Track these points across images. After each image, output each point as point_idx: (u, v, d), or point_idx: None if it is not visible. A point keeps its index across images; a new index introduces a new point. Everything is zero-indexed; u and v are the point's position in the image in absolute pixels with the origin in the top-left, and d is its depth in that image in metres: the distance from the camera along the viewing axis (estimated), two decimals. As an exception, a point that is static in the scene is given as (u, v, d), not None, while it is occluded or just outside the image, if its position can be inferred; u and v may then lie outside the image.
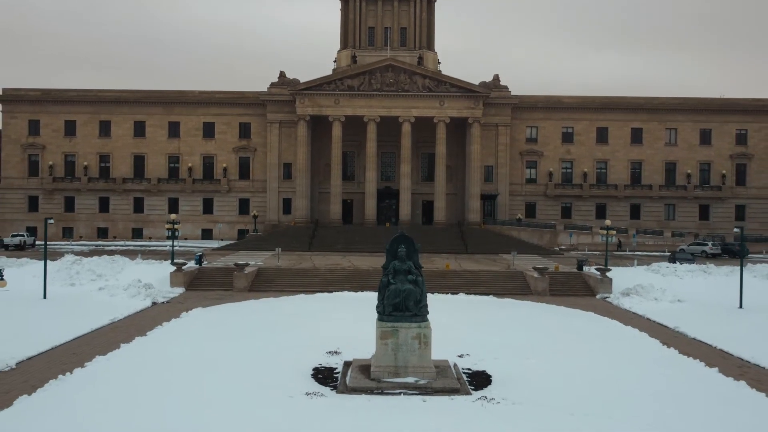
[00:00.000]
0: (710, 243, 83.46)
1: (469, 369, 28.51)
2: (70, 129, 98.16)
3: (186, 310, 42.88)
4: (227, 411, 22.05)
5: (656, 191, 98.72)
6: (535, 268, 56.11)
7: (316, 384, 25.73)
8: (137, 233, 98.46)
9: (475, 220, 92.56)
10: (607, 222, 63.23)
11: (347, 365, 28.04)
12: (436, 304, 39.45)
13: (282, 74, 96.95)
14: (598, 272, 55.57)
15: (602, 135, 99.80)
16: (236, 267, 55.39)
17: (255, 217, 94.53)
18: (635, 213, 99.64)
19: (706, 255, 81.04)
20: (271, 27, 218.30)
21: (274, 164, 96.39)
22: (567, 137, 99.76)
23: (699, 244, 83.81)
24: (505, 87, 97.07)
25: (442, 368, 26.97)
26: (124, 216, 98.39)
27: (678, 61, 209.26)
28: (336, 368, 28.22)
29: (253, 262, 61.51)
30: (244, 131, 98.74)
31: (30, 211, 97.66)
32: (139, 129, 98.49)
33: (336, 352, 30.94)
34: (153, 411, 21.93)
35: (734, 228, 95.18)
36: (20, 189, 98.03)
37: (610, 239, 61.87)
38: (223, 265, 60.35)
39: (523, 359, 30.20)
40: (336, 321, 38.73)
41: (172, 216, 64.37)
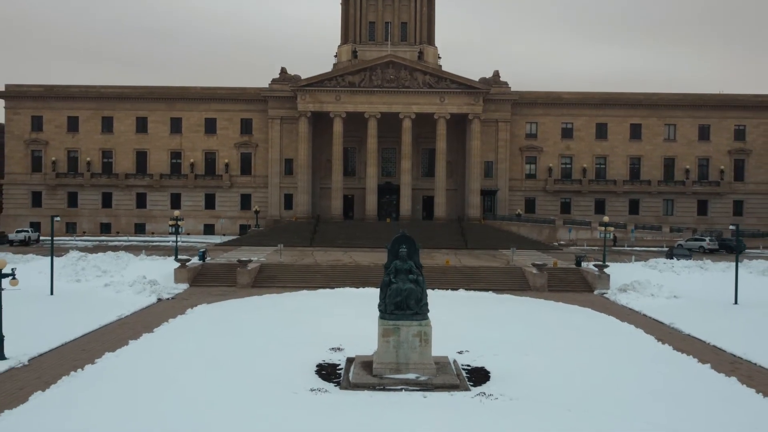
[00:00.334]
0: (708, 238, 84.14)
1: (469, 365, 29.31)
2: (73, 125, 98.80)
3: (191, 307, 43.66)
4: (235, 407, 22.86)
5: (655, 186, 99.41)
6: (534, 265, 56.81)
7: (320, 380, 26.52)
8: (140, 228, 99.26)
9: (475, 216, 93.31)
10: (605, 219, 63.88)
11: (350, 361, 28.86)
12: (437, 300, 40.32)
13: (283, 70, 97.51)
14: (596, 268, 56.25)
15: (601, 131, 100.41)
16: (239, 263, 56.14)
17: (257, 213, 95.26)
18: (634, 208, 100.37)
19: (704, 250, 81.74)
20: (273, 20, 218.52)
21: (276, 160, 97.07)
22: (566, 133, 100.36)
23: (697, 240, 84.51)
24: (505, 83, 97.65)
25: (442, 364, 27.77)
26: (127, 211, 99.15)
27: (677, 55, 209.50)
28: (339, 364, 29.02)
29: (256, 258, 62.24)
30: (246, 127, 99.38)
31: (33, 207, 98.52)
32: (142, 125, 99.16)
33: (339, 349, 31.73)
34: (162, 407, 22.72)
35: (734, 222, 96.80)
36: (24, 185, 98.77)
37: (608, 236, 62.49)
38: (226, 261, 61.11)
39: (522, 355, 30.99)
40: (338, 317, 39.48)
41: (176, 213, 65.07)
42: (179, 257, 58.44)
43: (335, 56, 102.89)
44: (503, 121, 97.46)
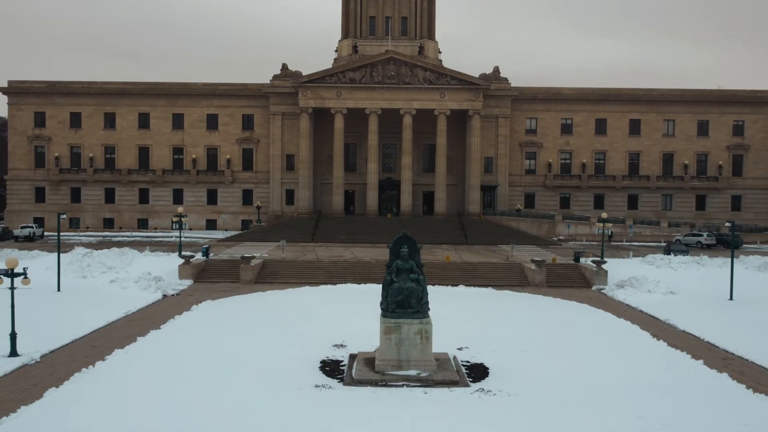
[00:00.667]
0: (705, 234, 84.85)
1: (468, 361, 30.16)
2: (76, 121, 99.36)
3: (196, 303, 44.50)
4: (244, 403, 23.72)
5: (654, 182, 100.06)
6: (533, 261, 57.60)
7: (324, 376, 27.38)
8: (143, 223, 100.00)
9: (475, 211, 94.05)
10: (604, 215, 64.57)
11: (353, 358, 29.72)
12: (437, 296, 41.20)
13: (284, 66, 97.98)
14: (594, 264, 57.04)
15: (601, 126, 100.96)
16: (242, 260, 56.95)
17: (258, 208, 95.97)
18: (633, 203, 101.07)
19: (701, 246, 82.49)
20: (273, 15, 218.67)
21: (277, 156, 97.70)
22: (566, 128, 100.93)
23: (694, 235, 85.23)
24: (505, 79, 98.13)
25: (443, 361, 28.64)
26: (130, 207, 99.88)
27: (677, 48, 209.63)
28: (342, 361, 29.87)
29: (258, 254, 63.01)
30: (247, 123, 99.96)
31: (37, 202, 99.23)
32: (144, 121, 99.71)
33: (342, 345, 32.59)
34: (173, 403, 23.59)
35: (730, 218, 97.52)
36: (27, 180, 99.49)
37: (606, 231, 63.23)
38: (229, 258, 61.89)
39: (519, 352, 31.86)
40: (340, 314, 40.32)
41: (180, 209, 65.81)
42: (183, 253, 59.20)
43: (336, 51, 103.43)
44: (503, 117, 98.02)
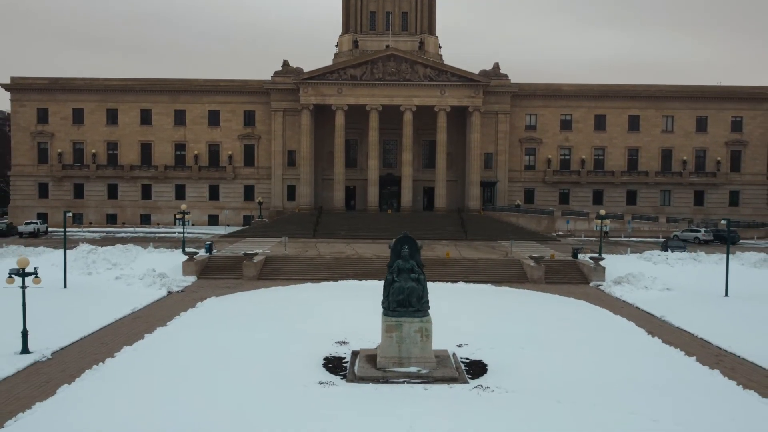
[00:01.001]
0: (703, 230, 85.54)
1: (467, 358, 31.00)
2: (78, 117, 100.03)
3: (200, 300, 45.34)
4: (250, 399, 24.55)
5: (652, 177, 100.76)
6: (532, 257, 58.40)
7: (327, 373, 28.21)
8: (145, 219, 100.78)
9: (475, 207, 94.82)
10: (602, 212, 65.28)
11: (355, 355, 30.56)
12: (438, 293, 42.03)
13: (285, 63, 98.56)
14: (592, 261, 57.82)
15: (600, 122, 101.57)
16: (245, 256, 57.72)
17: (260, 204, 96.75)
18: (631, 199, 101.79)
19: (699, 241, 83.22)
20: (274, 9, 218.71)
21: (279, 152, 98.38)
22: (566, 124, 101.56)
23: (692, 231, 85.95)
24: (505, 75, 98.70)
25: (442, 358, 29.47)
26: (132, 202, 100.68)
27: (676, 40, 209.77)
28: (344, 357, 30.71)
29: (261, 251, 63.83)
30: (249, 119, 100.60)
31: (40, 198, 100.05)
32: (146, 117, 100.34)
33: (344, 342, 33.43)
34: (182, 399, 24.43)
35: (728, 213, 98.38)
36: (30, 176, 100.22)
37: (605, 228, 63.99)
38: (232, 254, 62.67)
39: (517, 348, 32.69)
40: (342, 311, 41.12)
41: (183, 206, 66.58)
42: (187, 250, 60.00)
43: (336, 46, 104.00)
44: (503, 113, 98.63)
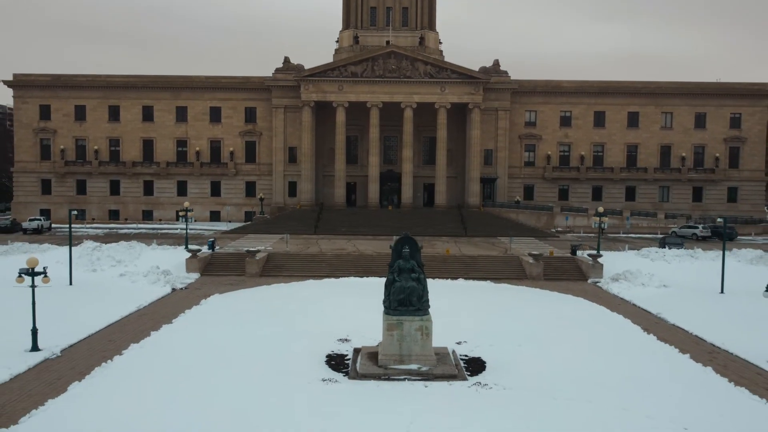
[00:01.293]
0: (701, 226, 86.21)
1: (466, 355, 31.76)
2: (80, 114, 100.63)
3: (204, 297, 46.07)
4: (257, 396, 25.29)
5: (651, 174, 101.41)
6: (531, 254, 59.09)
7: (330, 370, 28.97)
8: (147, 215, 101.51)
9: (475, 203, 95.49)
10: (600, 209, 65.97)
11: (357, 352, 31.32)
12: (438, 290, 42.84)
13: (286, 59, 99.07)
14: (590, 258, 58.49)
15: (599, 119, 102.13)
16: (248, 253, 58.42)
17: (261, 200, 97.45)
18: (630, 195, 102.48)
19: (697, 237, 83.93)
20: (275, 4, 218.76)
21: (280, 148, 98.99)
22: (565, 121, 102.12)
23: (690, 227, 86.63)
24: (505, 72, 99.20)
25: (442, 355, 30.22)
26: (135, 198, 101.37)
27: (675, 34, 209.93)
28: (347, 355, 31.47)
29: (263, 247, 64.55)
30: (250, 115, 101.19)
31: (43, 194, 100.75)
32: (148, 114, 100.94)
33: (346, 340, 34.18)
34: (190, 395, 25.18)
35: (728, 209, 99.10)
36: (33, 172, 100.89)
37: (603, 225, 64.65)
38: (235, 251, 63.37)
39: (515, 346, 33.44)
40: (344, 308, 41.85)
41: (186, 203, 67.23)
42: (190, 247, 60.72)
43: (337, 41, 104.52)
44: (503, 110, 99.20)
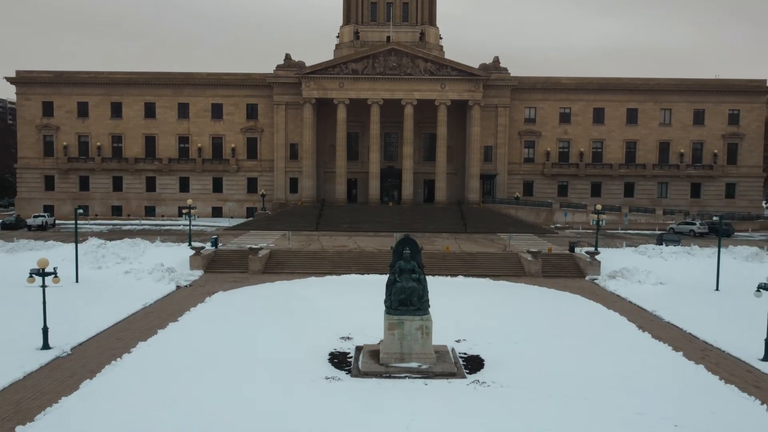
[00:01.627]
0: (698, 222, 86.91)
1: (465, 353, 32.63)
2: (83, 110, 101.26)
3: (209, 294, 46.95)
4: (262, 394, 26.17)
5: (650, 170, 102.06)
6: (529, 251, 59.90)
7: (333, 368, 29.85)
8: (150, 211, 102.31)
9: (475, 199, 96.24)
10: (598, 206, 66.76)
11: (358, 350, 32.21)
12: (438, 287, 43.69)
13: (287, 56, 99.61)
14: (588, 255, 59.31)
15: (599, 115, 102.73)
16: (251, 251, 59.26)
17: (263, 196, 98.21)
18: (629, 191, 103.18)
19: (694, 234, 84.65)
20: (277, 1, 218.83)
21: (281, 145, 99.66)
22: (564, 117, 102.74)
23: (687, 224, 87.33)
24: (505, 69, 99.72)
25: (442, 353, 31.11)
26: (137, 195, 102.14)
27: (676, 29, 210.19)
28: (349, 353, 32.35)
29: (265, 244, 65.36)
30: (252, 112, 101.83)
31: (47, 190, 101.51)
32: (150, 110, 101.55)
33: (348, 338, 35.06)
34: (196, 392, 26.06)
35: (726, 205, 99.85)
36: (36, 169, 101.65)
37: (601, 222, 65.46)
38: (238, 248, 64.18)
39: (513, 344, 34.32)
40: (345, 306, 42.73)
41: (189, 201, 68.05)
42: (193, 244, 61.54)
43: (337, 37, 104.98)
44: (502, 107, 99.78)
